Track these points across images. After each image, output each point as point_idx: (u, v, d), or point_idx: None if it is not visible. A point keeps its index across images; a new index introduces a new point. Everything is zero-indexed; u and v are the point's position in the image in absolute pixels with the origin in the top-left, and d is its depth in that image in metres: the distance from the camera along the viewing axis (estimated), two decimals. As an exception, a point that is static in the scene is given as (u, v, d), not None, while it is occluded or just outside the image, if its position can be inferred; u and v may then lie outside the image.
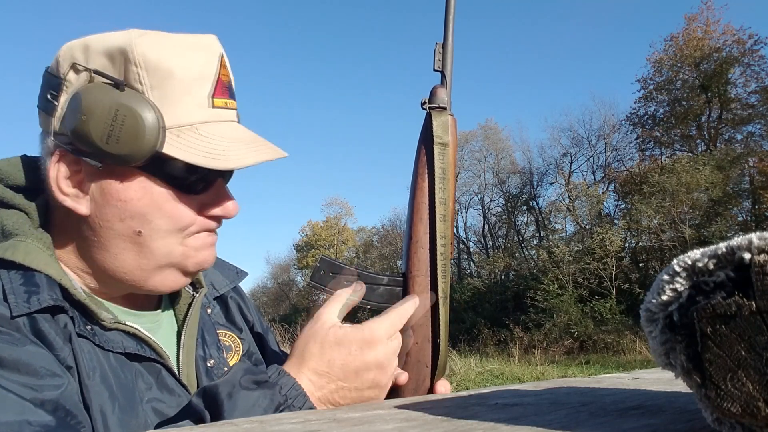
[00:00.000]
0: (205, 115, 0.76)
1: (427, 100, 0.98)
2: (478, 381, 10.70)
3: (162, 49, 0.73)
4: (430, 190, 0.96)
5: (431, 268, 0.93)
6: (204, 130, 0.75)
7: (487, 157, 28.86)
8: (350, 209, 38.22)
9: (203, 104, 0.76)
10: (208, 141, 0.74)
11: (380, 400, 0.77)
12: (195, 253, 0.80)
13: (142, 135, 0.70)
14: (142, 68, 0.72)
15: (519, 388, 0.74)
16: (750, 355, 0.33)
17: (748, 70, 21.54)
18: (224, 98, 0.78)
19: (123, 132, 0.70)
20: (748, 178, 20.01)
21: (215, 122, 0.77)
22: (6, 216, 0.76)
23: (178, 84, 0.73)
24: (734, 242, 0.35)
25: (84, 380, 0.70)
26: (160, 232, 0.76)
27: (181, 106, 0.74)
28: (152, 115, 0.71)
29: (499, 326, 19.20)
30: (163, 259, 0.78)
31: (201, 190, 0.79)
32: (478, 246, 29.38)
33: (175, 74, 0.73)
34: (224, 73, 0.79)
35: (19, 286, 0.70)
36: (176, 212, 0.76)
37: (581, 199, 23.21)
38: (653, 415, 0.51)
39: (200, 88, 0.76)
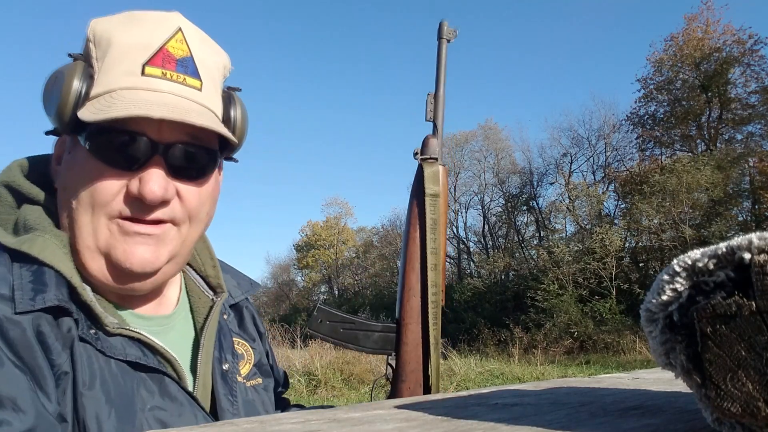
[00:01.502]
0: (130, 82, 0.74)
1: (419, 151, 1.04)
2: (478, 381, 10.69)
3: (111, 25, 0.76)
4: (422, 241, 1.01)
5: (422, 316, 0.97)
6: (120, 94, 0.73)
7: (487, 157, 28.87)
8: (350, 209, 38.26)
9: (132, 72, 0.74)
10: (111, 102, 0.72)
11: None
12: (119, 245, 0.75)
13: (57, 98, 0.73)
14: (93, 43, 0.76)
15: (519, 388, 0.74)
16: (750, 355, 0.33)
17: (748, 70, 21.54)
18: (165, 69, 0.75)
19: (53, 96, 0.74)
20: (748, 178, 20.00)
21: (140, 89, 0.74)
22: (29, 211, 0.77)
23: (113, 53, 0.75)
24: (734, 242, 0.35)
25: (79, 387, 0.69)
26: (83, 205, 0.74)
27: (110, 74, 0.74)
28: (77, 80, 0.73)
29: (499, 326, 19.19)
30: (90, 238, 0.74)
31: (133, 167, 0.74)
32: (478, 246, 29.39)
33: (113, 45, 0.75)
34: (176, 47, 0.77)
35: (28, 283, 0.69)
36: (96, 184, 0.73)
37: (581, 199, 23.20)
38: (653, 415, 0.51)
39: (133, 56, 0.75)
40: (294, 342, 12.68)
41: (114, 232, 0.74)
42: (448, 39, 1.07)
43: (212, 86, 0.81)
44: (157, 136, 0.74)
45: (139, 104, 0.71)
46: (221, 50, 0.86)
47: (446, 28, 1.07)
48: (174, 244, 0.79)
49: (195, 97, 0.77)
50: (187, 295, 0.93)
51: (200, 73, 0.79)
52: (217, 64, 0.84)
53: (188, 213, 0.79)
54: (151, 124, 0.73)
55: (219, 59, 0.85)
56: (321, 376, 10.28)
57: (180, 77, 0.76)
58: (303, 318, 22.10)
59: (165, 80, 0.75)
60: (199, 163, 0.79)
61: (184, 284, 0.94)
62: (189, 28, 0.79)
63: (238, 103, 0.87)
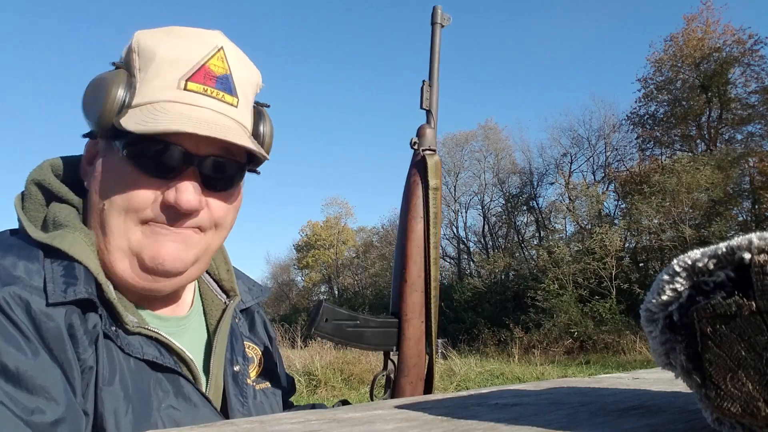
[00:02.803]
0: (170, 95, 0.77)
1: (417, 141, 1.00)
2: (478, 381, 10.69)
3: (155, 38, 0.79)
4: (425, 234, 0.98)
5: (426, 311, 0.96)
6: (162, 107, 0.76)
7: (487, 157, 28.85)
8: (350, 209, 38.23)
9: (173, 85, 0.77)
10: (154, 113, 0.75)
11: None
12: (151, 244, 0.78)
13: (101, 105, 0.75)
14: (136, 53, 0.78)
15: (519, 388, 0.74)
16: (750, 355, 0.33)
17: (748, 70, 21.54)
18: (206, 85, 0.78)
19: (95, 102, 0.76)
20: (748, 178, 20.00)
21: (182, 103, 0.77)
22: (59, 209, 0.80)
23: (156, 66, 0.77)
24: (734, 242, 0.35)
25: (100, 382, 0.71)
26: (116, 208, 0.77)
27: (152, 86, 0.77)
28: (120, 89, 0.75)
29: (499, 326, 19.18)
30: (120, 240, 0.77)
31: (168, 176, 0.77)
32: (478, 246, 29.37)
33: (156, 57, 0.77)
34: (217, 65, 0.80)
35: (59, 277, 0.72)
36: (131, 191, 0.76)
37: (581, 199, 23.19)
38: (653, 415, 0.51)
39: (175, 70, 0.77)
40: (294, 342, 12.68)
41: (146, 233, 0.78)
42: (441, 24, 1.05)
43: (246, 103, 0.85)
44: (194, 149, 0.77)
45: (184, 120, 0.74)
46: (255, 68, 0.89)
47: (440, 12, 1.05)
48: (199, 249, 0.82)
49: (231, 114, 0.81)
50: (201, 297, 0.95)
51: (237, 91, 0.82)
52: (251, 81, 0.87)
53: (214, 221, 0.83)
54: (189, 137, 0.76)
55: (253, 77, 0.88)
56: (321, 376, 10.28)
57: (219, 94, 0.79)
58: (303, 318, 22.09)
59: (205, 96, 0.78)
60: (229, 174, 0.82)
61: (198, 287, 0.96)
62: (229, 47, 0.83)
63: (267, 119, 0.91)
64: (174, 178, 0.77)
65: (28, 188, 0.83)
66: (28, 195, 0.82)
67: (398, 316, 0.95)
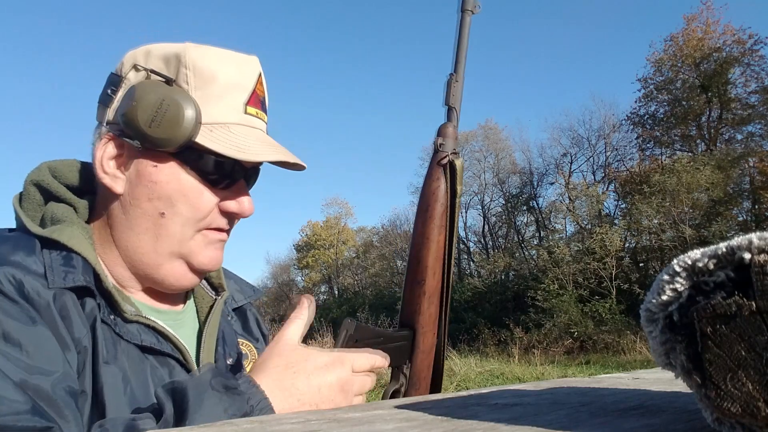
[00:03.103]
0: (237, 118, 0.84)
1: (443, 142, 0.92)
2: (478, 381, 10.70)
3: (210, 58, 0.83)
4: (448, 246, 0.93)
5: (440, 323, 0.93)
6: (234, 129, 0.83)
7: (487, 157, 28.87)
8: (350, 209, 38.25)
9: (238, 109, 0.84)
10: (236, 137, 0.82)
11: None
12: (203, 248, 0.85)
13: (180, 123, 0.78)
14: (190, 71, 0.81)
15: (519, 388, 0.74)
16: (750, 355, 0.33)
17: (748, 70, 21.54)
18: (257, 108, 0.87)
19: (165, 119, 0.78)
20: (748, 178, 20.00)
21: (245, 126, 0.84)
22: (56, 208, 0.84)
23: (218, 88, 0.82)
24: (734, 242, 0.35)
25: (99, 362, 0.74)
26: (180, 217, 0.82)
27: (218, 107, 0.82)
28: (192, 109, 0.79)
29: (499, 326, 19.19)
30: (176, 245, 0.83)
31: (224, 186, 0.84)
32: (478, 246, 29.38)
33: (218, 80, 0.82)
34: (260, 90, 0.88)
35: (59, 266, 0.76)
36: (198, 201, 0.83)
37: (581, 199, 23.20)
38: (653, 415, 0.52)
39: (237, 95, 0.84)
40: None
41: (201, 240, 0.85)
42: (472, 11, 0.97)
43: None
44: (247, 162, 0.85)
45: (266, 147, 0.83)
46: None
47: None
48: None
49: (265, 129, 0.90)
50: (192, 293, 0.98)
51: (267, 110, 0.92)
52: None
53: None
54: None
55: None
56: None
57: (262, 115, 0.88)
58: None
59: (256, 118, 0.87)
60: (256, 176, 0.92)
61: None
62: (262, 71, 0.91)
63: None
64: (229, 187, 0.85)
65: (27, 189, 0.85)
66: (27, 195, 0.85)
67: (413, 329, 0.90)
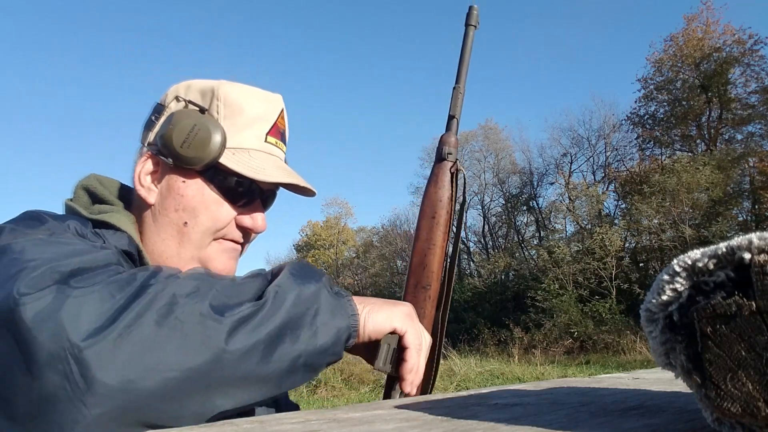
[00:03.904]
0: (258, 145, 0.95)
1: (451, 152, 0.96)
2: (478, 381, 10.70)
3: (239, 93, 0.96)
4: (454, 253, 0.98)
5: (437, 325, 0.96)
6: (254, 154, 0.94)
7: (487, 157, 28.88)
8: (350, 209, 38.26)
9: (259, 138, 0.95)
10: (255, 161, 0.94)
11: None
12: (218, 255, 0.95)
13: (208, 145, 0.90)
14: (221, 102, 0.94)
15: (519, 388, 0.74)
16: (750, 355, 0.33)
17: (748, 70, 21.56)
18: (276, 139, 0.98)
19: (195, 141, 0.90)
20: (748, 178, 20.01)
21: (265, 153, 0.96)
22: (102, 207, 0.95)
23: (244, 119, 0.94)
24: (734, 242, 0.35)
25: None
26: (201, 227, 0.93)
27: (242, 135, 0.94)
28: (219, 134, 0.91)
29: (499, 326, 19.19)
30: (196, 251, 0.93)
31: (242, 203, 0.95)
32: (478, 246, 29.38)
33: (244, 112, 0.94)
34: (281, 123, 1.00)
35: (109, 238, 0.85)
36: (217, 214, 0.93)
37: (581, 199, 23.20)
38: (653, 415, 0.52)
39: (260, 126, 0.96)
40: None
41: (217, 249, 0.95)
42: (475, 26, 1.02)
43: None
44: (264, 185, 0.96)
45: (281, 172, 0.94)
46: None
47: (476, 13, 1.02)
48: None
49: (283, 158, 1.01)
50: None
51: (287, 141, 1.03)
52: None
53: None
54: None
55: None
56: (321, 376, 10.28)
57: (281, 145, 1.00)
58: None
59: (276, 147, 0.98)
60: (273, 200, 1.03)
61: None
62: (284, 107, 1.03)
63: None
64: (246, 205, 0.95)
65: (77, 192, 0.96)
66: (76, 197, 0.96)
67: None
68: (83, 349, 0.57)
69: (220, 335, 0.63)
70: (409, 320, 0.84)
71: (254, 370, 0.65)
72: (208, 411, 0.63)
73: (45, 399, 0.57)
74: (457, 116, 0.99)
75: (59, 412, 0.57)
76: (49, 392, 0.57)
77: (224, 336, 0.63)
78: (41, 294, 0.60)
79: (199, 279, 0.70)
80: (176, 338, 0.61)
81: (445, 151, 0.97)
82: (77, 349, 0.57)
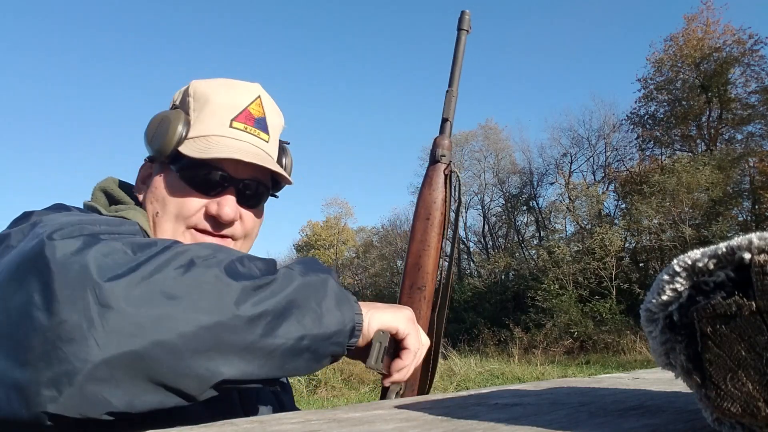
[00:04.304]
0: (221, 131, 0.96)
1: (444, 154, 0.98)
2: (478, 381, 10.70)
3: (208, 86, 0.99)
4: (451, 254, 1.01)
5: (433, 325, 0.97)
6: (213, 140, 0.95)
7: (487, 157, 28.88)
8: (350, 209, 38.25)
9: (223, 124, 0.97)
10: (209, 145, 0.94)
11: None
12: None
13: (167, 135, 0.94)
14: (191, 97, 0.99)
15: (519, 388, 0.74)
16: (750, 355, 0.33)
17: (748, 70, 21.55)
18: (246, 124, 0.99)
19: (158, 134, 0.96)
20: (748, 178, 20.01)
21: (228, 137, 0.96)
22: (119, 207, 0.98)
23: (210, 109, 0.97)
24: (734, 242, 0.35)
25: None
26: (169, 215, 0.94)
27: (205, 123, 0.97)
28: (181, 125, 0.95)
29: (499, 326, 19.19)
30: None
31: (211, 192, 0.95)
32: (478, 246, 29.38)
33: (210, 101, 0.97)
34: (255, 110, 1.00)
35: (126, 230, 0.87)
36: (183, 202, 0.94)
37: (581, 199, 23.20)
38: (653, 415, 0.52)
39: (224, 112, 0.97)
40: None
41: (187, 239, 0.94)
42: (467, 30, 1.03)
43: (274, 140, 1.05)
44: (234, 173, 0.96)
45: (231, 150, 0.93)
46: (281, 113, 1.09)
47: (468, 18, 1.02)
48: None
49: (264, 147, 1.00)
50: None
51: (269, 130, 1.02)
52: (279, 124, 1.07)
53: (245, 232, 1.00)
54: (230, 163, 0.94)
55: (280, 120, 1.08)
56: (321, 375, 10.29)
57: (255, 131, 1.00)
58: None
59: (245, 133, 0.98)
60: (258, 194, 1.01)
61: None
62: (265, 96, 1.04)
63: (288, 153, 1.14)
64: (216, 195, 0.95)
65: (95, 194, 1.00)
66: (94, 199, 0.99)
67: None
68: (105, 289, 0.59)
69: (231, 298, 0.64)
70: (412, 324, 0.85)
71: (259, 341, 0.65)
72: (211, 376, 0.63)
73: (60, 338, 0.57)
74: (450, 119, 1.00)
75: (72, 352, 0.57)
76: (66, 331, 0.57)
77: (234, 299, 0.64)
78: (71, 239, 0.63)
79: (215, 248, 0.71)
80: (193, 294, 0.62)
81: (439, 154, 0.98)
82: (99, 288, 0.58)
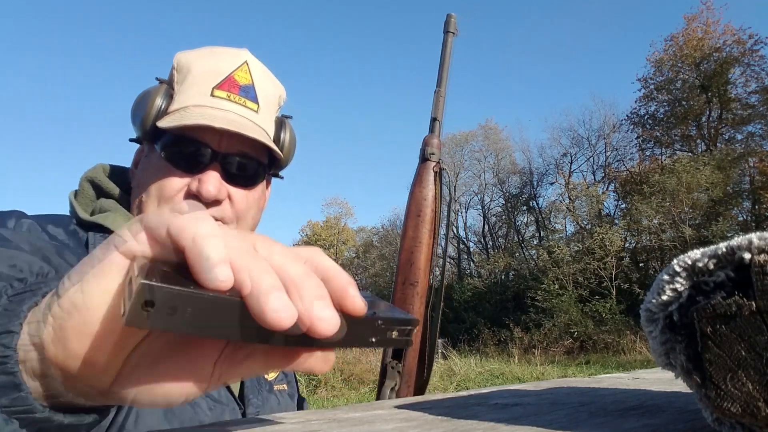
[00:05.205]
0: (201, 101, 0.88)
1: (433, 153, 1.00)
2: (478, 381, 10.70)
3: (191, 56, 0.92)
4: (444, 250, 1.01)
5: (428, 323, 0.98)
6: (191, 109, 0.87)
7: (487, 157, 28.90)
8: (350, 209, 38.24)
9: (204, 93, 0.89)
10: (183, 115, 0.86)
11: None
12: None
13: (145, 110, 0.87)
14: (176, 69, 0.92)
15: (519, 388, 0.74)
16: (750, 355, 0.33)
17: (748, 70, 21.56)
18: (230, 93, 0.90)
19: (138, 110, 0.89)
20: (748, 178, 20.02)
21: (208, 107, 0.88)
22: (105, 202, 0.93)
23: (190, 78, 0.90)
24: (734, 242, 0.35)
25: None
26: (152, 199, 0.87)
27: (187, 94, 0.89)
28: (159, 98, 0.88)
29: (499, 326, 19.19)
30: None
31: (194, 170, 0.87)
32: (478, 246, 29.39)
33: (191, 72, 0.90)
34: (242, 76, 0.92)
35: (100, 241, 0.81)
36: (162, 182, 0.87)
37: (581, 199, 23.21)
38: (653, 415, 0.52)
39: (205, 81, 0.89)
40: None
41: None
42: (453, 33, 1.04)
43: (267, 111, 0.95)
44: (217, 147, 0.87)
45: (206, 117, 0.85)
46: (279, 83, 1.00)
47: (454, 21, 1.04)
48: None
49: (252, 117, 0.91)
50: None
51: (258, 99, 0.93)
52: (274, 93, 0.98)
53: (236, 214, 0.90)
54: (213, 136, 0.86)
55: (276, 90, 0.99)
56: (321, 375, 10.29)
57: (241, 100, 0.90)
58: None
59: (229, 101, 0.89)
60: (250, 172, 0.91)
61: None
62: (253, 61, 0.95)
63: (289, 128, 1.01)
64: (199, 172, 0.87)
65: (82, 185, 0.94)
66: (81, 191, 0.93)
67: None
68: None
69: None
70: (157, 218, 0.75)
71: None
72: None
73: None
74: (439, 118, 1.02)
75: None
76: None
77: None
78: None
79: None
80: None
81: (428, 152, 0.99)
82: None
